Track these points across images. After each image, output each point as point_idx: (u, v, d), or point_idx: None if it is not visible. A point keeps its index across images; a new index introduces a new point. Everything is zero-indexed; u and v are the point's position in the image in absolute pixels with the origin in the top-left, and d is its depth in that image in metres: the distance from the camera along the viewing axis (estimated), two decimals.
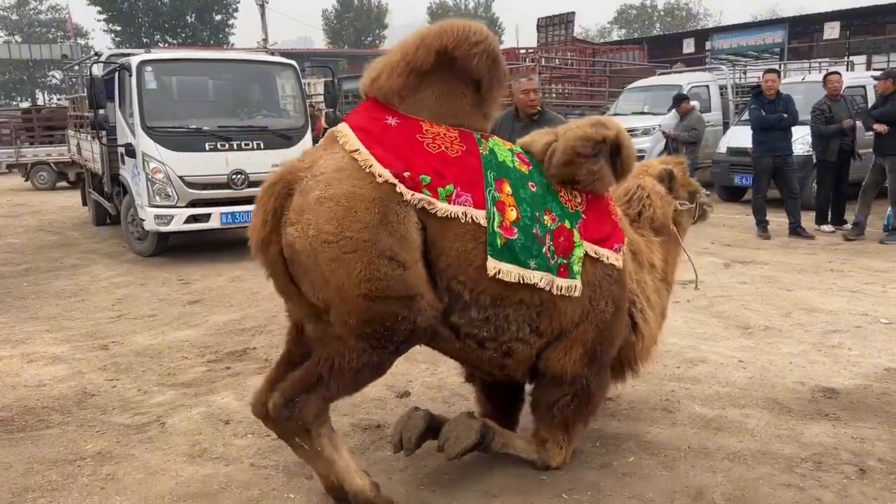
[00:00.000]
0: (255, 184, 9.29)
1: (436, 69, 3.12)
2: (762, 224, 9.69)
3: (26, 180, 20.31)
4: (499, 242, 3.03)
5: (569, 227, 3.27)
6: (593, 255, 3.35)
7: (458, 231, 3.00)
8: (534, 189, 3.25)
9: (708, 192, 4.69)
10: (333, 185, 2.89)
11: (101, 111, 9.44)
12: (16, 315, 6.99)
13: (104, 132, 9.55)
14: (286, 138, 9.58)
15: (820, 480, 3.44)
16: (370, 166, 2.89)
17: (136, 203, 9.34)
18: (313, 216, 2.85)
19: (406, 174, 2.91)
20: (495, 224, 3.03)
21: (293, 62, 9.95)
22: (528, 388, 3.76)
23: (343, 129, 3.06)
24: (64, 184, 19.98)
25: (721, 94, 16.00)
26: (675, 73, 17.05)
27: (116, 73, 9.48)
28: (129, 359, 5.58)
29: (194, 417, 4.39)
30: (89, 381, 5.10)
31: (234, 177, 9.15)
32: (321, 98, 14.87)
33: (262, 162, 9.32)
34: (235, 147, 9.20)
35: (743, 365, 4.97)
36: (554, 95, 18.57)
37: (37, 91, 62.79)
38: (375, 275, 2.84)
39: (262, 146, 9.34)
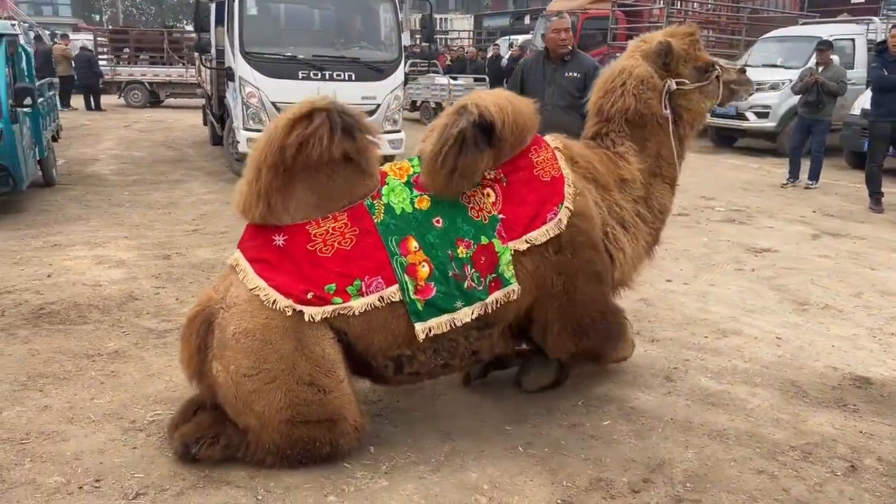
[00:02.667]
0: None
1: (293, 171, 3.06)
2: (875, 196, 8.80)
3: (119, 97, 21.50)
4: (419, 307, 3.10)
5: (486, 241, 3.22)
6: (525, 246, 3.28)
7: (381, 317, 3.07)
8: (440, 225, 3.19)
9: (738, 67, 4.16)
10: (246, 318, 2.98)
11: (205, 35, 9.83)
12: (106, 221, 7.58)
13: (206, 55, 9.96)
14: (378, 71, 9.64)
15: (799, 472, 3.18)
16: (273, 301, 2.96)
17: (233, 125, 9.76)
18: (232, 352, 2.96)
19: (310, 295, 2.97)
20: (410, 293, 3.09)
21: None
22: None
23: (240, 261, 3.10)
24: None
25: (869, 50, 14.43)
26: (817, 23, 15.51)
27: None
28: (183, 270, 5.93)
29: None
30: (139, 286, 5.49)
31: None
32: (458, 34, 14.78)
33: (351, 93, 9.42)
34: (327, 77, 9.35)
35: (778, 342, 4.62)
36: None
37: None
38: (295, 401, 2.96)
39: (352, 77, 9.45)
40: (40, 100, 8.75)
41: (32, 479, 2.96)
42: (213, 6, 10.70)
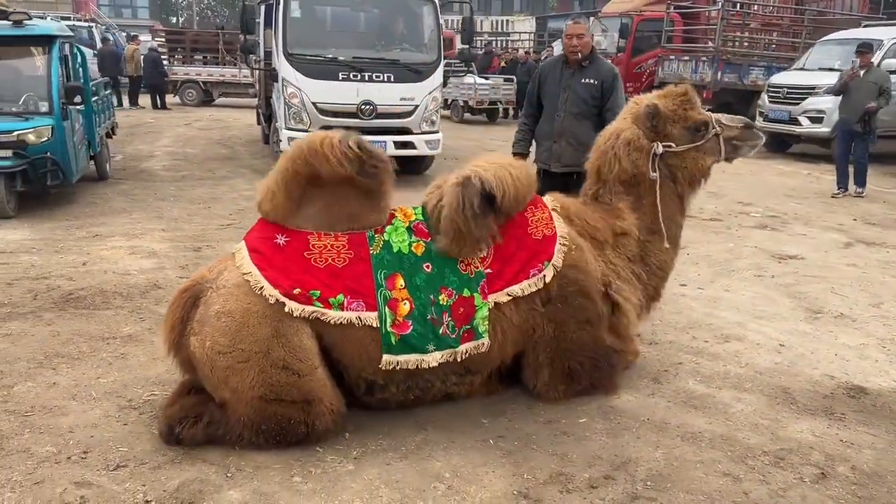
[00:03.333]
0: (383, 115, 9.67)
1: (317, 186, 3.30)
2: None
3: (175, 96, 22.24)
4: (393, 340, 3.29)
5: (468, 294, 3.43)
6: (506, 298, 3.51)
7: (357, 334, 3.25)
8: (429, 270, 3.41)
9: (742, 123, 4.13)
10: (231, 300, 3.18)
11: (251, 36, 10.17)
12: (147, 214, 7.96)
13: (252, 56, 10.30)
14: (416, 72, 9.81)
15: (765, 476, 3.16)
16: (261, 288, 3.16)
17: (276, 124, 10.08)
18: (210, 329, 3.16)
19: (296, 291, 3.18)
20: (388, 324, 3.28)
21: None
22: None
23: (241, 249, 3.33)
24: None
25: None
26: (880, 25, 14.95)
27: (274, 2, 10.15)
28: (210, 262, 6.19)
29: None
30: (164, 276, 5.77)
31: (362, 107, 9.55)
32: (519, 36, 14.94)
33: (390, 94, 9.66)
34: (367, 78, 9.57)
35: (780, 349, 4.56)
36: (737, 44, 17.05)
37: None
38: (269, 381, 3.14)
39: (392, 79, 9.64)
40: (94, 98, 9.24)
41: (28, 447, 3.20)
42: (262, 8, 11.08)
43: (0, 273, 5.70)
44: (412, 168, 10.87)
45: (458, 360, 3.47)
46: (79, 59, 8.66)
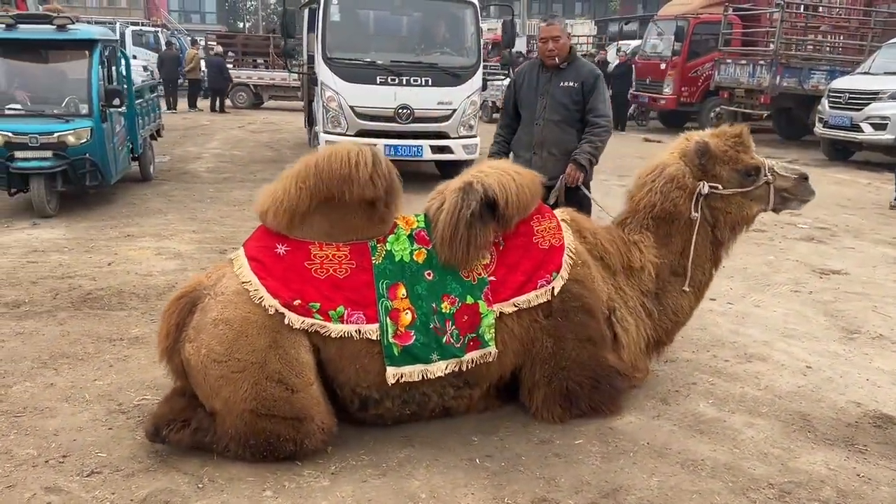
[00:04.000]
0: (420, 119, 9.60)
1: (321, 198, 3.21)
2: None
3: (226, 98, 22.44)
4: (395, 351, 3.20)
5: (472, 301, 3.32)
6: (512, 309, 3.38)
7: (355, 348, 3.17)
8: (431, 277, 3.32)
9: (798, 174, 3.89)
10: (229, 308, 3.11)
11: (291, 41, 10.25)
12: (181, 215, 8.06)
13: (292, 59, 10.38)
14: (455, 76, 9.71)
15: None
16: (260, 297, 3.08)
17: (315, 128, 10.12)
18: (206, 336, 3.09)
19: (296, 302, 3.10)
20: (390, 335, 3.20)
21: (474, 1, 9.90)
22: None
23: (239, 257, 3.25)
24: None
25: None
26: None
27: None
28: None
29: None
30: (185, 277, 5.78)
31: (400, 111, 9.49)
32: (577, 39, 14.89)
33: (428, 98, 9.59)
34: (404, 82, 9.51)
35: (806, 372, 4.27)
36: (799, 47, 16.37)
37: None
38: (262, 394, 3.05)
39: (429, 83, 9.56)
40: (138, 101, 9.43)
41: (10, 449, 3.21)
42: (306, 13, 11.15)
43: (27, 271, 5.83)
44: (451, 171, 10.77)
45: (464, 369, 3.35)
46: (122, 64, 8.83)
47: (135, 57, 27.28)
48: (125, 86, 8.81)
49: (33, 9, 11.93)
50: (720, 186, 3.75)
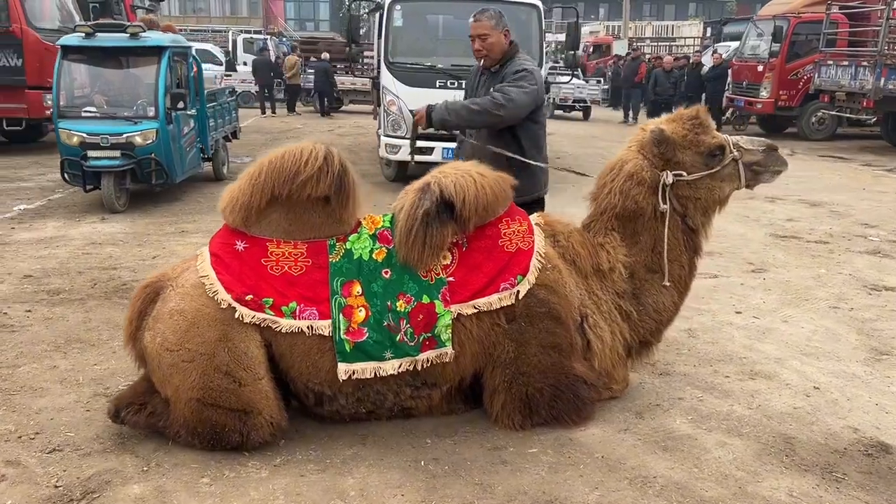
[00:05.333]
0: None
1: (279, 196, 3.27)
2: None
3: (305, 104, 23.03)
4: (347, 347, 3.24)
5: (428, 301, 3.30)
6: (471, 311, 3.35)
7: (306, 344, 3.24)
8: (388, 276, 3.33)
9: (765, 145, 3.72)
10: (186, 300, 3.24)
11: (357, 46, 10.49)
12: None
13: (357, 65, 10.61)
14: None
15: None
16: (215, 292, 3.20)
17: (378, 131, 10.31)
18: (162, 325, 3.23)
19: (248, 297, 3.19)
20: (342, 331, 3.23)
21: (538, 3, 9.81)
22: None
23: (203, 252, 3.39)
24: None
25: None
26: None
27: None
28: None
29: None
30: None
31: None
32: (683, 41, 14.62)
33: None
34: (463, 86, 9.51)
35: (811, 393, 3.99)
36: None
37: None
38: (209, 384, 3.16)
39: None
40: (211, 104, 9.93)
41: None
42: (376, 19, 11.38)
43: (79, 262, 6.27)
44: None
45: (419, 368, 3.35)
46: (194, 69, 9.32)
47: (244, 63, 28.84)
48: (195, 90, 9.28)
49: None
50: (684, 173, 3.59)
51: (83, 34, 8.19)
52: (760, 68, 17.20)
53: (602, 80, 26.34)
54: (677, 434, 3.52)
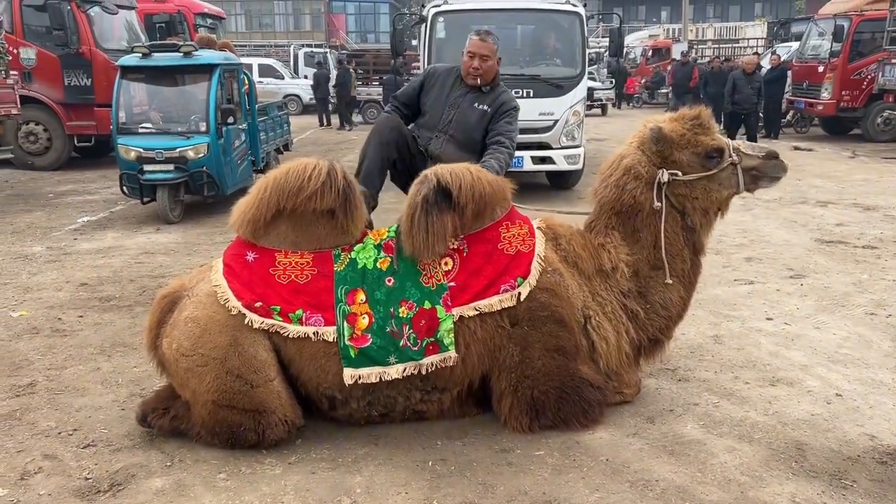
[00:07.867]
0: (521, 130, 9.64)
1: (286, 210, 3.43)
2: None
3: (357, 115, 23.35)
4: (352, 353, 3.38)
5: (429, 306, 3.41)
6: (472, 313, 3.44)
7: (313, 349, 3.40)
8: (391, 284, 3.45)
9: (766, 152, 3.73)
10: (199, 308, 3.45)
11: (401, 58, 10.68)
12: None
13: (400, 76, 10.82)
14: (557, 87, 9.69)
15: None
16: (226, 300, 3.39)
17: None
18: (178, 332, 3.44)
19: (257, 304, 3.37)
20: (346, 338, 3.37)
21: (580, 10, 9.84)
22: None
23: (217, 263, 3.58)
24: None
25: None
26: None
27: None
28: None
29: None
30: None
31: None
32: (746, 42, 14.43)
33: (528, 110, 9.50)
34: None
35: (832, 400, 3.94)
36: None
37: None
38: (223, 387, 3.36)
39: (531, 94, 9.60)
40: (263, 118, 10.29)
41: (36, 421, 3.75)
42: (421, 30, 11.57)
43: (131, 270, 6.62)
44: (560, 182, 10.75)
45: (424, 372, 3.47)
46: (245, 85, 9.69)
47: (305, 76, 29.55)
48: (246, 105, 9.65)
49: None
50: (679, 173, 3.62)
51: (140, 54, 8.63)
52: (821, 69, 16.72)
53: (655, 84, 28.46)
54: (686, 439, 3.54)
